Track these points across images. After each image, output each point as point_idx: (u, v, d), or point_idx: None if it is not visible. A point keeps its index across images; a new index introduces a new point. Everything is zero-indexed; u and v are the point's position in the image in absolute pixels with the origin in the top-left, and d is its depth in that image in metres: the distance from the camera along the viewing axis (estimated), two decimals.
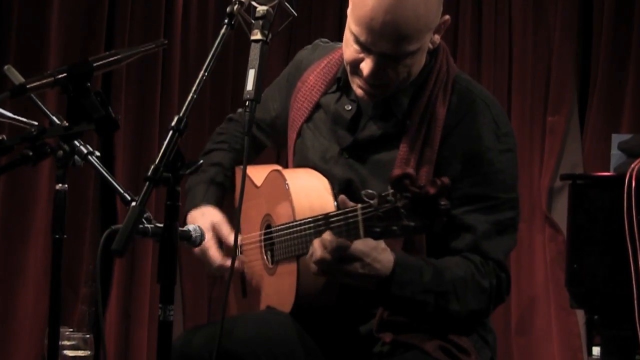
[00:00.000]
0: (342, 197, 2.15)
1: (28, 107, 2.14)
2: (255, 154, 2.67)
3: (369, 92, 2.28)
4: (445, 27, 2.29)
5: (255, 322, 2.32)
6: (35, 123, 2.07)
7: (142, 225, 1.87)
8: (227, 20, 2.06)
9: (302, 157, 2.45)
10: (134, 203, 1.82)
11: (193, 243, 2.08)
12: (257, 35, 2.10)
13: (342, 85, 2.40)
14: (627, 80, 4.79)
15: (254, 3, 2.10)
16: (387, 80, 2.26)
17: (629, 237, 3.46)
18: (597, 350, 3.79)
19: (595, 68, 4.86)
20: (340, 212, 2.11)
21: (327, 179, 2.35)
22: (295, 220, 2.27)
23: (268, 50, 2.11)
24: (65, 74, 1.93)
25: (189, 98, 1.94)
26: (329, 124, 2.41)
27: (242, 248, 2.54)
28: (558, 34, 4.94)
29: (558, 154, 4.93)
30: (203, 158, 2.58)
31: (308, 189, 2.33)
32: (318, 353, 2.32)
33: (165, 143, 1.85)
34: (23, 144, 2.03)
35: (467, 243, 2.25)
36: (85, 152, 2.09)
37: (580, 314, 4.59)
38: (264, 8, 2.10)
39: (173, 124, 1.87)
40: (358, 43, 2.22)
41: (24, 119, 2.13)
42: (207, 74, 1.98)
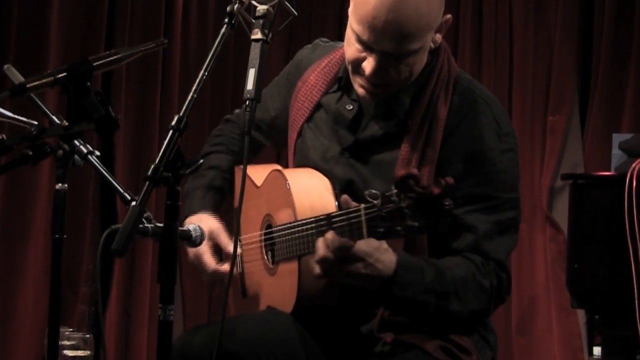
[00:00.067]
0: (344, 196, 2.15)
1: (28, 106, 2.13)
2: (253, 154, 2.66)
3: (371, 91, 2.28)
4: (447, 26, 2.29)
5: (256, 322, 2.31)
6: (35, 123, 2.06)
7: (142, 225, 1.87)
8: (227, 20, 2.06)
9: (302, 156, 2.45)
10: (134, 203, 1.82)
11: (193, 243, 2.08)
12: (257, 35, 2.10)
13: (343, 85, 2.40)
14: (627, 80, 4.78)
15: (254, 2, 2.09)
16: (388, 80, 2.26)
17: (630, 236, 3.45)
18: (597, 350, 3.79)
19: (596, 67, 4.86)
20: (343, 212, 2.11)
21: (328, 179, 2.35)
22: (297, 220, 2.26)
23: (268, 50, 2.10)
24: (65, 74, 1.93)
25: (189, 97, 1.93)
26: (330, 124, 2.41)
27: (242, 248, 2.54)
28: (559, 34, 4.93)
29: (559, 154, 4.92)
30: None
31: (309, 189, 2.33)
32: (319, 353, 2.31)
33: (165, 143, 1.85)
34: (23, 144, 2.03)
35: (468, 243, 2.25)
36: (85, 151, 2.08)
37: (581, 314, 4.58)
38: (264, 7, 2.09)
39: (173, 124, 1.87)
40: (360, 42, 2.22)
41: (24, 119, 2.12)
42: (207, 74, 1.97)
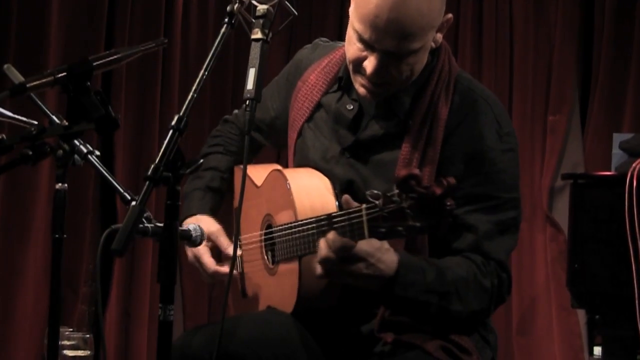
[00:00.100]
0: (346, 196, 2.15)
1: (28, 106, 2.13)
2: (253, 155, 2.66)
3: (372, 90, 2.27)
4: (448, 25, 2.28)
5: (256, 322, 2.31)
6: (35, 122, 2.06)
7: (142, 225, 1.87)
8: (227, 19, 2.05)
9: (302, 156, 2.44)
10: (134, 202, 1.82)
11: (193, 243, 2.08)
12: (257, 34, 2.09)
13: (343, 85, 2.39)
14: (628, 79, 4.78)
15: (255, 2, 2.09)
16: (389, 79, 2.25)
17: (630, 236, 3.45)
18: (598, 350, 3.78)
19: (597, 66, 4.85)
20: (344, 212, 2.11)
21: (328, 179, 2.34)
22: (297, 220, 2.26)
23: (268, 50, 2.10)
24: (65, 73, 1.93)
25: (189, 97, 1.93)
26: (330, 124, 2.40)
27: (241, 248, 2.54)
28: (559, 32, 4.93)
29: (559, 153, 4.92)
30: None
31: (309, 189, 2.32)
32: (319, 353, 2.31)
33: (166, 142, 1.84)
34: (23, 143, 2.03)
35: (468, 243, 2.25)
36: (85, 151, 2.08)
37: (582, 314, 4.59)
38: (265, 7, 2.09)
39: (173, 123, 1.87)
40: (361, 41, 2.22)
41: (24, 118, 2.12)
42: (207, 73, 1.97)
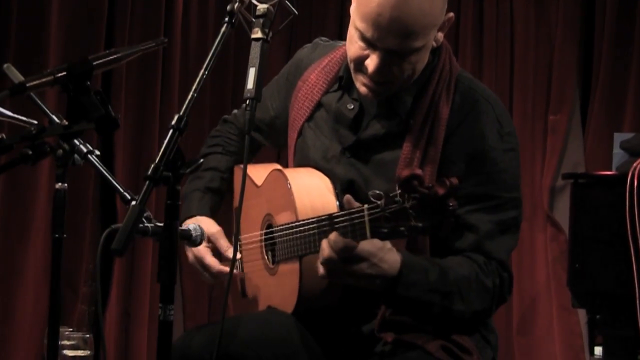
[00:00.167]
0: (347, 196, 2.15)
1: (27, 106, 2.13)
2: (252, 154, 2.65)
3: (373, 89, 2.27)
4: (449, 24, 2.28)
5: (257, 322, 2.31)
6: (35, 122, 2.05)
7: (142, 225, 1.86)
8: (227, 19, 2.05)
9: (303, 156, 2.44)
10: (134, 202, 1.81)
11: (193, 242, 2.08)
12: (257, 34, 2.09)
13: (344, 84, 2.39)
14: (629, 78, 4.77)
15: (255, 1, 2.08)
16: (391, 78, 2.25)
17: (631, 236, 3.45)
18: (599, 350, 3.78)
19: (598, 65, 4.85)
20: (345, 212, 2.11)
21: (328, 179, 2.34)
22: (298, 220, 2.26)
23: (269, 49, 2.09)
24: (65, 73, 1.92)
25: (189, 97, 1.93)
26: (331, 123, 2.40)
27: (241, 247, 2.53)
28: (560, 31, 4.92)
29: (560, 153, 4.92)
30: None
31: (310, 189, 2.32)
32: (319, 353, 2.31)
33: (166, 142, 1.84)
34: (22, 143, 2.02)
35: (470, 243, 2.25)
36: (85, 151, 2.08)
37: (582, 314, 4.58)
38: (265, 6, 2.09)
39: (173, 123, 1.86)
40: (363, 39, 2.21)
41: (24, 118, 2.12)
42: (207, 73, 1.97)
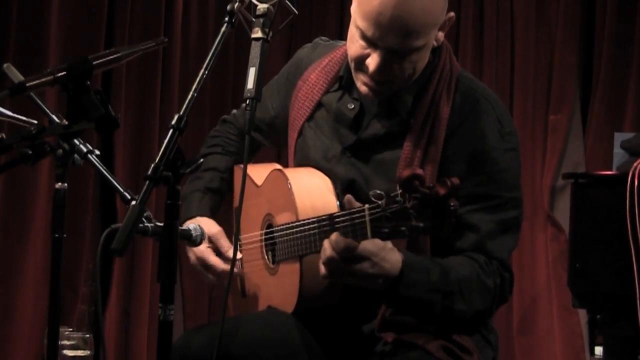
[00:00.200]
0: (348, 196, 2.14)
1: (27, 105, 2.13)
2: (252, 154, 2.65)
3: (374, 88, 2.27)
4: (450, 24, 2.28)
5: (257, 322, 2.31)
6: (35, 122, 2.05)
7: (142, 224, 1.86)
8: (227, 18, 2.05)
9: (303, 156, 2.44)
10: (134, 202, 1.81)
11: (193, 242, 2.08)
12: (257, 34, 2.08)
13: (344, 84, 2.38)
14: (629, 78, 4.78)
15: (255, 1, 2.08)
16: (392, 77, 2.24)
17: (632, 236, 3.45)
18: (599, 350, 3.78)
19: (598, 65, 4.85)
20: (346, 212, 2.10)
21: (329, 178, 2.34)
22: (298, 220, 2.25)
23: (269, 49, 2.09)
24: (65, 72, 1.92)
25: (189, 96, 1.92)
26: (331, 123, 2.40)
27: (241, 247, 2.53)
28: (560, 30, 4.92)
29: (560, 153, 4.91)
30: None
31: (310, 189, 2.32)
32: (320, 353, 2.31)
33: (166, 142, 1.84)
34: (22, 143, 2.02)
35: (471, 242, 2.24)
36: (85, 150, 2.07)
37: (583, 314, 4.58)
38: (265, 6, 2.08)
39: (173, 123, 1.86)
40: (364, 38, 2.21)
41: (24, 118, 2.12)
42: (207, 73, 1.96)
